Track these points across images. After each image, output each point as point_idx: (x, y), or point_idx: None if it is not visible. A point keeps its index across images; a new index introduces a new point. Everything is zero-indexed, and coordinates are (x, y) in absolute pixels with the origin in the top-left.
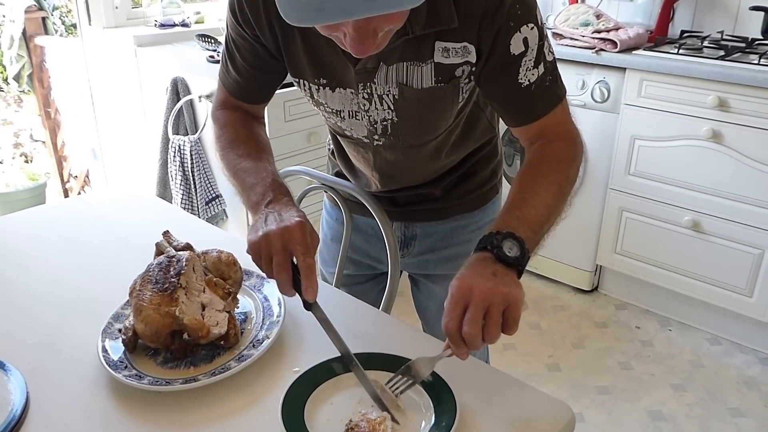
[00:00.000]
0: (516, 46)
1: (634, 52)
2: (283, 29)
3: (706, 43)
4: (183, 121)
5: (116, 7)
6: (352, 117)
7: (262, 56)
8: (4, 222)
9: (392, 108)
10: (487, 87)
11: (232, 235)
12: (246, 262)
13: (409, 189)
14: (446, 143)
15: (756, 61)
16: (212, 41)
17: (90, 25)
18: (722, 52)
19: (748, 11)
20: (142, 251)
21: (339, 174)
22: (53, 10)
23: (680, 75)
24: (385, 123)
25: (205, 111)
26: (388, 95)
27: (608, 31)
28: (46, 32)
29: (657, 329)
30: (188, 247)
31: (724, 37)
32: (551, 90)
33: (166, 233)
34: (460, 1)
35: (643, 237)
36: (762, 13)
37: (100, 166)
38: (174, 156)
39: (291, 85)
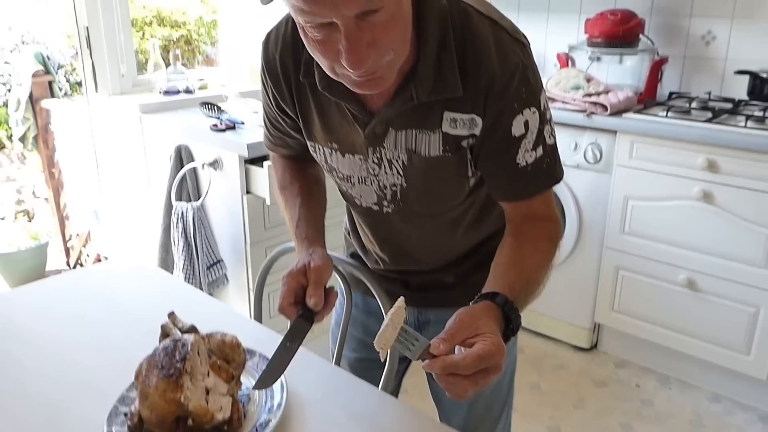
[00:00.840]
0: (517, 128)
1: (624, 114)
2: (299, 95)
3: (693, 105)
4: (186, 187)
5: (122, 75)
6: (362, 183)
7: (291, 128)
8: (8, 297)
9: (401, 173)
10: (485, 163)
11: (233, 310)
12: (249, 343)
13: (421, 273)
14: (460, 222)
15: (743, 124)
16: (215, 109)
17: (96, 92)
18: (710, 114)
19: (733, 74)
20: (147, 324)
21: (354, 255)
22: (58, 69)
23: (670, 138)
24: (394, 188)
25: (207, 178)
26: (397, 161)
27: (598, 95)
28: (52, 95)
29: (657, 387)
30: (193, 329)
31: (712, 98)
32: (547, 172)
33: (171, 315)
34: (468, 73)
35: (640, 295)
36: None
37: (102, 228)
38: (177, 222)
39: None
